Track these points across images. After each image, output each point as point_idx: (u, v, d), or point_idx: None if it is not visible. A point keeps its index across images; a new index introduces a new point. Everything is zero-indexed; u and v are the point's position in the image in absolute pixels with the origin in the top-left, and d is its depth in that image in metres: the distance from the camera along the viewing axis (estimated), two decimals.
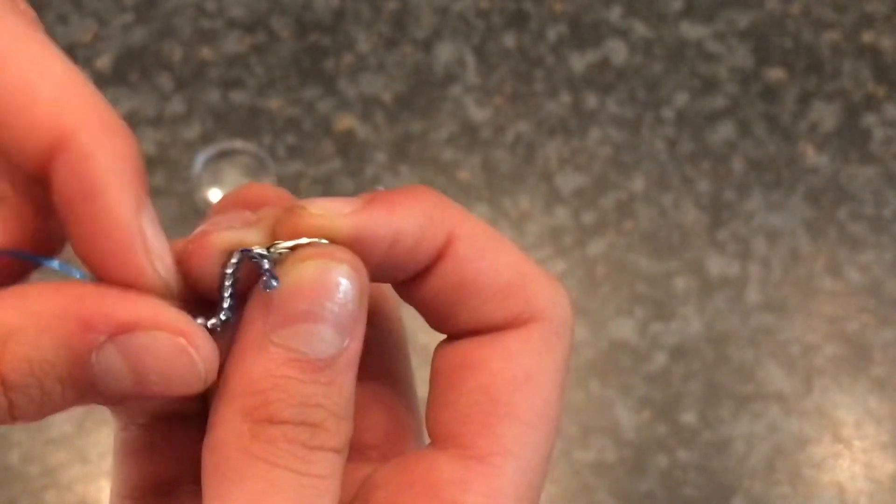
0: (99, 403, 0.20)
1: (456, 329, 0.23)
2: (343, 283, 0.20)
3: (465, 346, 0.22)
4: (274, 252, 0.21)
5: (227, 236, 0.21)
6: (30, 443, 0.75)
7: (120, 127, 0.20)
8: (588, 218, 0.82)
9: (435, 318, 0.23)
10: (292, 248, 0.21)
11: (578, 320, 0.79)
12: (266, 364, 0.20)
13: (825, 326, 0.80)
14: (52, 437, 0.75)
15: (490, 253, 0.22)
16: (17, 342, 0.18)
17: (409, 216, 0.21)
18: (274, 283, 0.20)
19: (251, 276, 0.21)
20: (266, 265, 0.20)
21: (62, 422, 0.75)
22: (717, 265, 0.81)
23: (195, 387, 0.20)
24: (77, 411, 0.75)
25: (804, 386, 0.78)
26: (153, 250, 0.20)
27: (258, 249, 0.21)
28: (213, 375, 0.20)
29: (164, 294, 0.20)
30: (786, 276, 0.81)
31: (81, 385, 0.19)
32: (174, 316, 0.20)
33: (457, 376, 0.22)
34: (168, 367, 0.19)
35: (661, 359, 0.78)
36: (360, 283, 0.20)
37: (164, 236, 0.20)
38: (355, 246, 0.21)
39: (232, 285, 0.21)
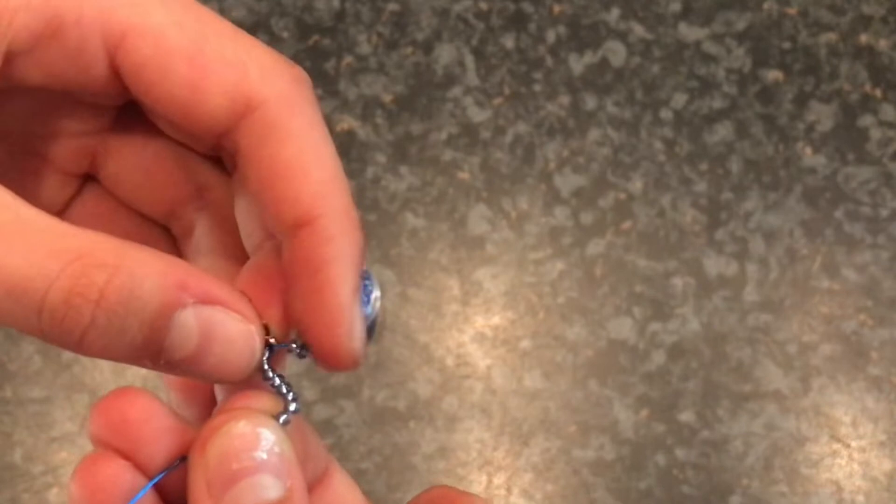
0: (153, 367, 0.21)
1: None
2: (263, 432, 0.22)
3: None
4: (294, 338, 0.24)
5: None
6: (32, 441, 0.75)
7: (356, 222, 0.23)
8: (587, 218, 0.82)
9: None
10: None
11: (577, 320, 0.79)
12: None
13: (822, 326, 0.80)
14: (55, 436, 0.75)
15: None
16: (127, 274, 0.20)
17: None
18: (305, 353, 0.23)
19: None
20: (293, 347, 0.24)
21: (65, 420, 0.76)
22: (714, 265, 0.81)
23: (242, 373, 0.22)
24: (82, 430, 0.76)
25: (802, 385, 0.78)
26: (357, 326, 0.23)
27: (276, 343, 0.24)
28: (252, 371, 0.22)
29: (356, 360, 0.23)
30: (783, 275, 0.81)
31: (153, 336, 0.21)
32: (253, 313, 0.22)
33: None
34: (230, 345, 0.22)
35: (659, 358, 0.78)
36: (276, 427, 0.22)
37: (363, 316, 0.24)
38: None
39: (279, 377, 0.23)
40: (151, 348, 0.21)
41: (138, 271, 0.20)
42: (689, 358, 0.79)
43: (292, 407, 0.23)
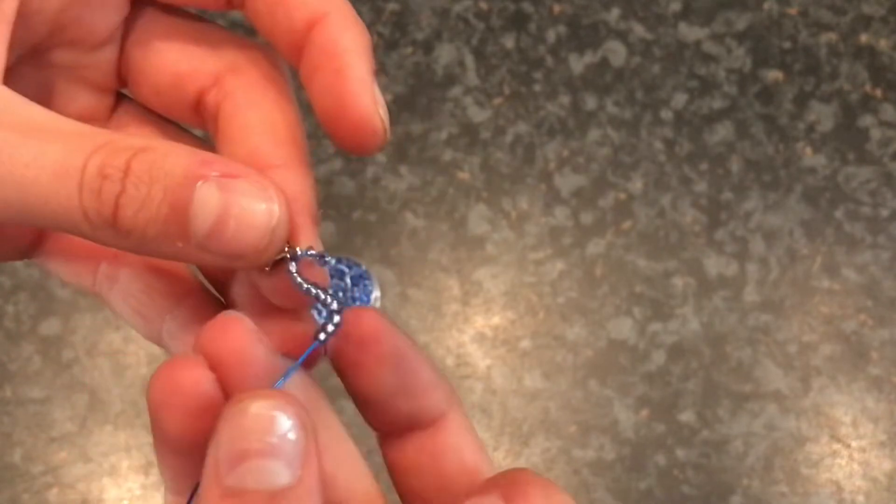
0: (187, 250, 0.22)
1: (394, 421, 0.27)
2: (278, 416, 0.21)
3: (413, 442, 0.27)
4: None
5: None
6: (32, 441, 0.75)
7: (359, 21, 0.26)
8: (587, 218, 0.82)
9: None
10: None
11: (577, 320, 0.79)
12: None
13: (823, 326, 0.80)
14: (55, 436, 0.75)
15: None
16: (152, 151, 0.22)
17: None
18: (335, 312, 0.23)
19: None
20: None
21: (64, 420, 0.76)
22: (715, 265, 0.81)
23: (258, 252, 0.22)
24: (80, 412, 0.76)
25: (802, 385, 0.78)
26: (379, 100, 0.24)
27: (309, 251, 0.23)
28: (274, 251, 0.23)
29: (381, 133, 0.24)
30: (783, 275, 0.81)
31: (177, 206, 0.21)
32: (278, 194, 0.22)
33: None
34: (248, 219, 0.22)
35: (659, 358, 0.78)
36: (298, 413, 0.21)
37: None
38: None
39: (314, 285, 0.23)
40: (178, 221, 0.21)
41: (162, 150, 0.22)
42: (689, 358, 0.79)
43: (335, 319, 0.23)
